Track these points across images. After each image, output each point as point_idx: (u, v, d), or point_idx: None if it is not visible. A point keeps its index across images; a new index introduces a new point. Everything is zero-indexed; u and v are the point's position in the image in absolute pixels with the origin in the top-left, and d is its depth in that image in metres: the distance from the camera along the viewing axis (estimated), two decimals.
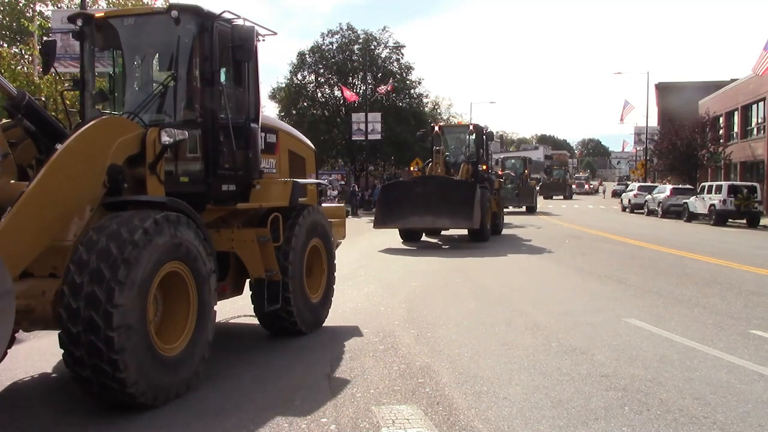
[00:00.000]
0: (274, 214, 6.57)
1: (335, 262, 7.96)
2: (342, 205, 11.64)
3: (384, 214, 17.59)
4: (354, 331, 7.36)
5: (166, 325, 5.08)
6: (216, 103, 6.01)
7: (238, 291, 7.04)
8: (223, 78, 6.29)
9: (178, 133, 5.36)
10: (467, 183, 18.15)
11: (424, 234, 19.43)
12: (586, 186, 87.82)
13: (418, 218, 17.03)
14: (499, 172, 33.74)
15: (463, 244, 18.09)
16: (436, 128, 21.28)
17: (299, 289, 6.85)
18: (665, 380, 5.51)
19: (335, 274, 7.95)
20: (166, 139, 5.27)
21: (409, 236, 18.57)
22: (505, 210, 27.53)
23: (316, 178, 8.55)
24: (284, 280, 6.57)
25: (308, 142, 8.62)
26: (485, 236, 18.45)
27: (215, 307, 5.51)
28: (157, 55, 6.44)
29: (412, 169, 22.46)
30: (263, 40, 6.77)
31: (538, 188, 47.59)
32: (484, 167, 20.76)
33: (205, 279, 5.26)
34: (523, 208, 35.81)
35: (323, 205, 9.01)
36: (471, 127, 21.42)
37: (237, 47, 5.99)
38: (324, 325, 7.71)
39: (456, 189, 17.37)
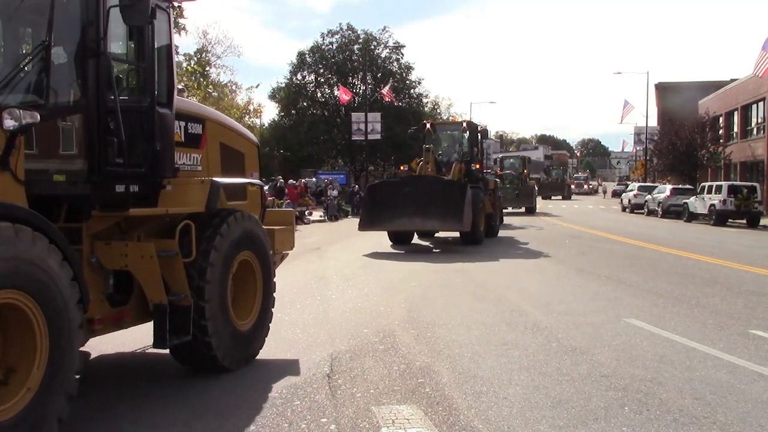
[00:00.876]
0: (185, 222, 5.30)
1: (274, 279, 6.58)
2: (291, 210, 10.53)
3: (370, 215, 16.67)
4: (354, 331, 7.35)
5: (4, 376, 3.84)
6: (103, 81, 4.70)
7: (146, 317, 5.43)
8: (120, 51, 5.21)
9: (25, 115, 4.14)
10: (458, 183, 17.24)
11: (416, 236, 18.71)
12: (585, 186, 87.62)
13: (407, 220, 16.10)
14: (498, 172, 33.55)
15: (461, 246, 17.63)
16: (428, 125, 20.31)
17: (221, 314, 5.53)
18: (665, 380, 5.51)
19: (274, 294, 6.57)
20: (9, 123, 4.09)
21: (399, 239, 17.66)
22: (504, 211, 27.31)
23: (260, 177, 7.31)
24: (199, 304, 5.29)
25: (249, 134, 7.38)
26: (478, 239, 17.46)
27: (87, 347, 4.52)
28: (28, 19, 5.12)
29: (402, 168, 21.62)
30: (178, 6, 5.73)
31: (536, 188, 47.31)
32: (478, 166, 19.93)
33: (60, 313, 3.95)
34: (523, 209, 35.19)
35: (269, 209, 7.90)
36: (465, 125, 20.62)
37: (127, 8, 4.68)
38: (323, 325, 7.70)
39: (446, 189, 16.48)
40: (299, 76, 54.19)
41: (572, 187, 73.35)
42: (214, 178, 5.79)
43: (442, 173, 18.39)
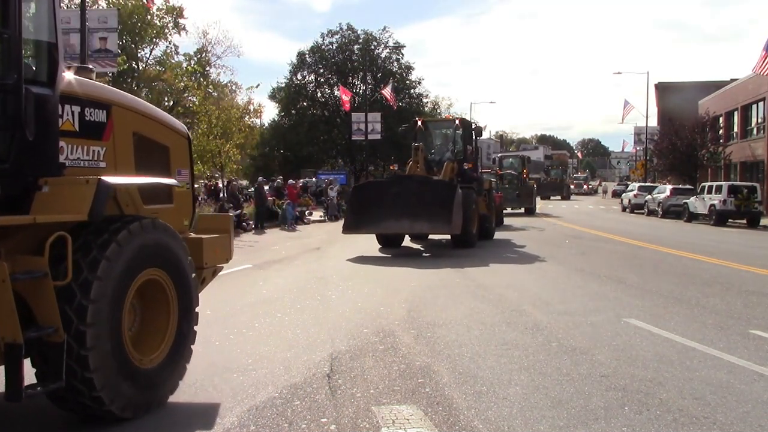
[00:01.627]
0: (57, 235, 4.01)
1: (196, 298, 5.30)
2: (228, 214, 9.07)
3: (355, 217, 15.88)
4: (354, 331, 7.35)
5: None
6: None
7: None
8: None
9: None
10: (447, 183, 16.49)
11: (407, 239, 18.09)
12: (585, 186, 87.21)
13: (394, 222, 15.33)
14: (498, 172, 33.17)
15: (454, 249, 16.70)
16: (419, 123, 19.44)
17: (113, 359, 4.27)
18: (665, 380, 5.51)
19: (195, 318, 5.28)
20: None
21: (388, 242, 16.93)
22: (504, 211, 27.09)
23: (191, 176, 6.19)
24: (81, 353, 4.05)
25: (176, 123, 6.23)
26: (470, 242, 16.55)
27: None
28: None
29: (392, 168, 20.56)
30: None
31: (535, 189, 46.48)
32: (470, 165, 18.82)
33: None
34: (522, 210, 34.58)
35: (203, 214, 6.69)
36: (457, 122, 19.77)
37: None
38: (323, 325, 7.69)
39: (435, 190, 15.71)
40: (299, 76, 54.31)
41: (571, 187, 73.27)
42: (102, 177, 4.43)
43: (434, 173, 17.69)
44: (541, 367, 5.89)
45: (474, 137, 19.73)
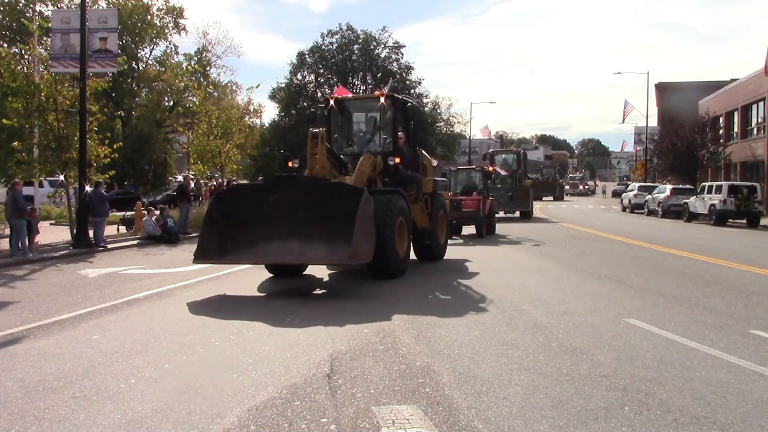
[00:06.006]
0: None
1: None
2: None
3: (217, 239, 10.52)
4: (354, 331, 7.35)
5: None
6: None
7: None
8: None
9: None
10: (349, 187, 10.91)
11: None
12: (581, 186, 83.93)
13: (278, 245, 10.27)
14: (491, 169, 27.19)
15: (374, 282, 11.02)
16: (332, 102, 13.88)
17: None
18: (665, 380, 5.51)
19: None
20: None
21: (280, 270, 11.69)
22: (497, 215, 24.55)
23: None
24: None
25: None
26: (392, 269, 11.22)
27: None
28: None
29: (290, 165, 13.72)
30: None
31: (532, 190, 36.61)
32: (397, 160, 12.74)
33: None
34: (517, 214, 31.10)
35: None
36: (383, 100, 13.53)
37: None
38: (323, 325, 7.70)
39: (330, 197, 10.55)
40: (299, 76, 54.37)
41: (566, 187, 72.03)
42: None
43: (347, 170, 12.52)
44: (541, 367, 5.88)
45: (408, 121, 13.87)
